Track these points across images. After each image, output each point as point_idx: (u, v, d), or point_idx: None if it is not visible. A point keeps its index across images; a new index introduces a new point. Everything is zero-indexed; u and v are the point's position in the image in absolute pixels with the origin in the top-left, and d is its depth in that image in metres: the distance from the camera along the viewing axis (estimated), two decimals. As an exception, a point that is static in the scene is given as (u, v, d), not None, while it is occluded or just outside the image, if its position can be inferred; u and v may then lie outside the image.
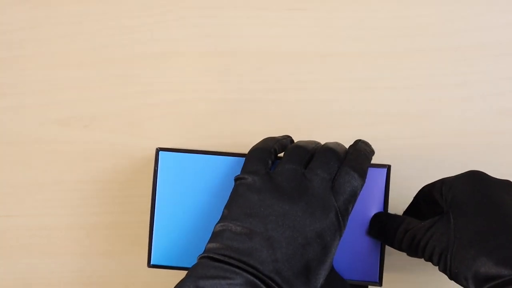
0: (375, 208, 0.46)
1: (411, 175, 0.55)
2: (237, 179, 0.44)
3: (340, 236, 0.42)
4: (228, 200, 0.43)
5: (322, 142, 0.47)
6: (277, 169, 0.43)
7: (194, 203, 0.47)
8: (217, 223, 0.42)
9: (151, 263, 0.47)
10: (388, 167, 0.47)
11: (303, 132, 0.55)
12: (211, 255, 0.40)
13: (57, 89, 0.56)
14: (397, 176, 0.54)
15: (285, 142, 0.46)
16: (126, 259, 0.56)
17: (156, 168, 0.47)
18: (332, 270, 0.45)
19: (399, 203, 0.54)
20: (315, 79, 0.55)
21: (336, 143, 0.46)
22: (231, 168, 0.46)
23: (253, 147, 0.45)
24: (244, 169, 0.44)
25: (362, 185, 0.43)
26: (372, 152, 0.46)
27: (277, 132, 0.55)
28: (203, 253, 0.41)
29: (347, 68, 0.55)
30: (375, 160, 0.47)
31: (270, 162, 0.44)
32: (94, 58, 0.56)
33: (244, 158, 0.45)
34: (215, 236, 0.41)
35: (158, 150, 0.47)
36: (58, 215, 0.56)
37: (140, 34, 0.56)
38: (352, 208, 0.43)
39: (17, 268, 0.57)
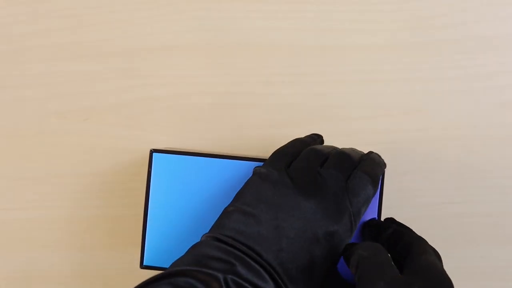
0: (369, 214, 0.46)
1: (410, 168, 0.55)
2: (255, 171, 0.43)
3: (350, 238, 0.41)
4: (242, 187, 0.43)
5: (325, 137, 0.47)
6: (292, 166, 0.43)
7: (187, 204, 0.47)
8: (228, 205, 0.42)
9: (144, 264, 0.47)
10: (382, 173, 0.47)
11: (303, 125, 0.55)
12: (216, 235, 0.39)
13: (57, 82, 0.56)
14: (397, 169, 0.54)
15: (310, 142, 0.46)
16: (126, 252, 0.56)
17: (150, 169, 0.47)
18: (335, 271, 0.44)
19: (399, 196, 0.54)
20: (315, 72, 0.55)
21: (352, 149, 0.46)
22: (224, 171, 0.46)
23: (280, 147, 0.45)
24: (265, 164, 0.44)
25: (375, 192, 0.43)
26: (384, 165, 0.45)
27: (275, 124, 0.55)
28: (208, 232, 0.40)
29: (347, 61, 0.55)
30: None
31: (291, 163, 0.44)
32: (94, 51, 0.56)
33: (239, 161, 0.46)
34: (224, 217, 0.41)
35: (152, 151, 0.47)
36: (58, 208, 0.56)
37: (139, 27, 0.56)
38: (364, 212, 0.42)
39: (17, 261, 0.57)
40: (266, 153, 0.46)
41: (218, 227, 0.40)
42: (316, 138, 0.47)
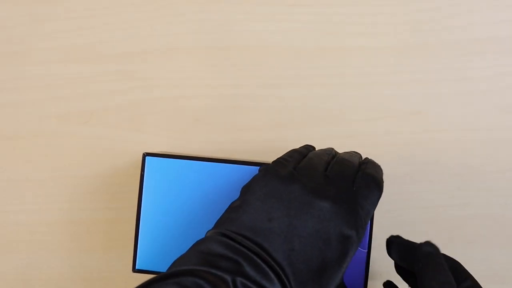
0: None
1: (411, 170, 0.55)
2: (261, 169, 0.41)
3: (360, 242, 0.40)
4: (249, 182, 0.41)
5: (325, 139, 0.47)
6: (298, 170, 0.41)
7: (180, 209, 0.46)
8: (234, 200, 0.40)
9: (136, 267, 0.47)
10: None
11: (303, 127, 0.55)
12: (223, 231, 0.37)
13: (57, 84, 0.56)
14: (397, 172, 0.54)
15: (306, 153, 0.45)
16: (126, 254, 0.56)
17: (142, 173, 0.47)
18: (342, 283, 0.43)
19: (400, 199, 0.54)
20: (315, 74, 0.55)
21: (349, 154, 0.45)
22: (218, 175, 0.46)
23: (279, 157, 0.43)
24: (270, 165, 0.42)
25: (380, 194, 0.41)
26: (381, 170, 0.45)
27: (275, 126, 0.55)
28: (213, 227, 0.38)
29: (347, 63, 0.55)
30: (375, 158, 0.47)
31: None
32: (94, 54, 0.56)
33: (232, 165, 0.45)
34: (230, 211, 0.39)
35: (145, 155, 0.47)
36: (58, 210, 0.56)
37: (139, 29, 0.56)
38: (371, 215, 0.41)
39: (17, 263, 0.57)
40: (267, 155, 0.46)
41: (224, 222, 0.38)
42: (311, 149, 0.47)
